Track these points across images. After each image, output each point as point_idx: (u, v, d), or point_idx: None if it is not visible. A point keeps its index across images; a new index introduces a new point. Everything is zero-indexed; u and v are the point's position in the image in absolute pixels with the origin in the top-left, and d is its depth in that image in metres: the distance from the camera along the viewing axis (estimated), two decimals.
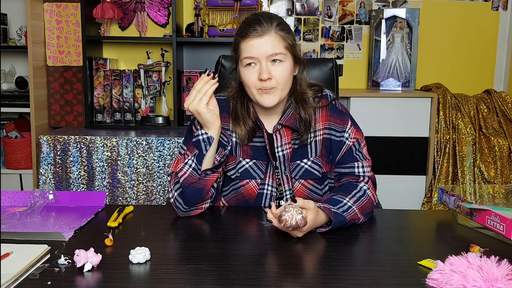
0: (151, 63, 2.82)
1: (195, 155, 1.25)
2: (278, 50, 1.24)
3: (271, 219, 1.11)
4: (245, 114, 1.34)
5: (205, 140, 1.25)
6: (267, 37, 1.24)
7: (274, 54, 1.24)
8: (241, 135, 1.34)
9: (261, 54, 1.24)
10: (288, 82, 1.29)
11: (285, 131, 1.35)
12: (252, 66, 1.25)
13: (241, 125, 1.33)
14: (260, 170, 1.36)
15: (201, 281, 0.89)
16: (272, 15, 1.29)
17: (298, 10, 3.14)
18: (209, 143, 1.25)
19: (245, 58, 1.26)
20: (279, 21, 1.27)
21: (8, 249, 0.98)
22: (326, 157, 1.37)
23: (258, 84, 1.25)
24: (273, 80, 1.25)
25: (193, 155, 1.26)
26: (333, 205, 1.20)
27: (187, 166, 1.26)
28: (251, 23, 1.25)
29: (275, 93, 1.26)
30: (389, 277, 0.92)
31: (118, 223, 1.19)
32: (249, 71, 1.26)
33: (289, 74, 1.28)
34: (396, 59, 2.96)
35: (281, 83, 1.26)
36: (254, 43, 1.24)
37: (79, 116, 3.00)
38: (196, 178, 1.25)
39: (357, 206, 1.23)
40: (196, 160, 1.25)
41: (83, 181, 2.51)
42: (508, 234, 1.07)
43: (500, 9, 3.17)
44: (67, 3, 2.92)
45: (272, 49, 1.24)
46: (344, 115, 1.38)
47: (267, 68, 1.24)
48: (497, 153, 2.85)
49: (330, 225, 1.16)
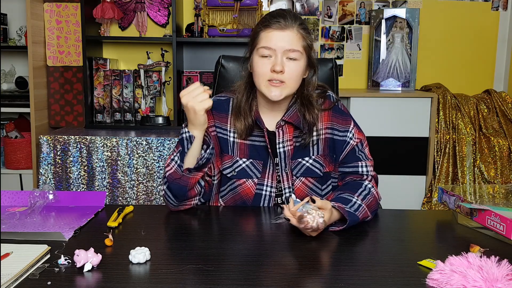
0: (151, 63, 2.82)
1: (179, 152, 1.29)
2: (296, 47, 1.25)
3: (288, 217, 1.12)
4: (247, 110, 1.35)
5: (187, 139, 1.28)
6: (288, 31, 1.25)
7: (291, 50, 1.25)
8: (240, 129, 1.35)
9: (279, 47, 1.25)
10: (298, 80, 1.30)
11: (288, 128, 1.36)
12: (268, 57, 1.26)
13: (241, 120, 1.35)
14: (257, 169, 1.36)
15: (201, 281, 0.89)
16: (298, 15, 1.31)
17: (298, 10, 3.14)
18: (190, 142, 1.28)
19: (262, 48, 1.26)
20: (302, 21, 1.29)
21: (8, 249, 0.98)
22: (329, 157, 1.38)
23: (269, 75, 1.26)
24: (285, 74, 1.26)
25: (178, 152, 1.30)
26: (345, 204, 1.21)
27: (173, 162, 1.30)
28: (276, 15, 1.27)
29: (283, 88, 1.27)
30: (389, 277, 0.92)
31: (118, 223, 1.19)
32: (263, 61, 1.27)
33: (301, 74, 1.29)
34: (396, 59, 2.96)
35: (291, 80, 1.27)
36: (275, 34, 1.25)
37: (79, 116, 3.00)
38: (179, 175, 1.28)
39: (365, 204, 1.25)
40: (180, 157, 1.29)
41: (83, 181, 2.51)
42: (508, 234, 1.07)
43: (500, 9, 3.17)
44: (67, 3, 2.92)
45: (291, 45, 1.25)
46: (347, 116, 1.40)
47: (282, 61, 1.25)
48: (497, 153, 2.85)
49: (344, 224, 1.17)
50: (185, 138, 1.28)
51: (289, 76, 1.26)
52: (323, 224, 1.08)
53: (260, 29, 1.28)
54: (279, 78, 1.25)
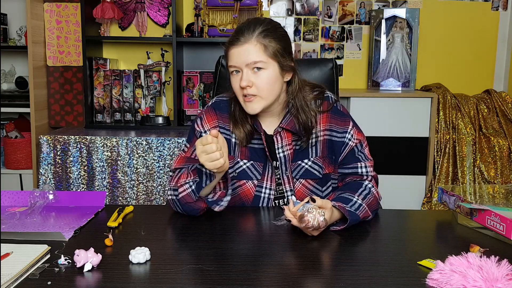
0: (151, 63, 2.82)
1: (195, 182, 1.25)
2: (257, 58, 1.25)
3: (290, 218, 1.12)
4: (243, 118, 1.35)
5: (207, 175, 1.23)
6: (247, 45, 1.25)
7: (253, 63, 1.25)
8: (240, 137, 1.35)
9: (241, 63, 1.25)
10: (273, 89, 1.29)
11: (286, 134, 1.36)
12: (236, 74, 1.28)
13: (239, 128, 1.35)
14: (257, 171, 1.37)
15: (201, 281, 0.89)
16: (260, 20, 1.29)
17: (298, 10, 3.14)
18: (209, 179, 1.24)
19: (229, 66, 1.29)
20: (264, 28, 1.26)
21: (8, 249, 0.98)
22: (329, 158, 1.38)
23: (241, 91, 1.28)
24: (253, 87, 1.26)
25: (193, 180, 1.25)
26: (345, 203, 1.22)
27: (187, 185, 1.26)
28: (237, 31, 1.28)
29: (257, 101, 1.28)
30: (389, 277, 0.92)
31: (118, 223, 1.19)
32: (233, 78, 1.29)
33: (273, 82, 1.28)
34: (396, 59, 2.96)
35: (263, 91, 1.27)
36: (235, 51, 1.26)
37: (79, 116, 3.00)
38: (193, 200, 1.26)
39: (366, 203, 1.25)
40: (195, 186, 1.25)
41: (83, 181, 2.51)
42: (508, 234, 1.07)
43: (500, 9, 3.17)
44: (67, 3, 2.92)
45: (251, 57, 1.25)
46: (345, 117, 1.39)
47: (246, 76, 1.25)
48: (497, 153, 2.85)
49: (345, 224, 1.17)
50: (205, 173, 1.23)
51: (260, 88, 1.26)
52: (324, 222, 1.08)
53: (226, 46, 1.30)
54: (250, 93, 1.26)
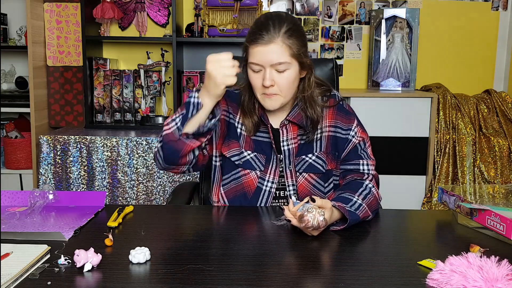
0: (151, 63, 2.82)
1: (182, 115, 1.24)
2: (282, 59, 1.25)
3: (289, 218, 1.12)
4: (251, 109, 1.37)
5: (194, 104, 1.23)
6: (272, 45, 1.24)
7: (278, 64, 1.25)
8: (249, 126, 1.37)
9: (266, 62, 1.25)
10: (292, 87, 1.31)
11: (292, 127, 1.38)
12: (258, 72, 1.28)
13: (248, 117, 1.37)
14: (260, 162, 1.38)
15: (201, 281, 0.89)
16: (283, 18, 1.28)
17: (298, 10, 3.14)
18: (196, 109, 1.23)
19: (251, 63, 1.28)
20: (288, 27, 1.26)
21: (8, 249, 0.98)
22: (332, 154, 1.40)
23: (262, 88, 1.29)
24: (275, 87, 1.28)
25: (180, 114, 1.25)
26: (345, 203, 1.22)
27: (173, 122, 1.25)
28: (260, 26, 1.26)
29: (277, 99, 1.30)
30: (389, 277, 0.92)
31: (118, 223, 1.19)
32: (255, 75, 1.29)
33: (293, 81, 1.30)
34: (396, 59, 2.96)
35: (284, 90, 1.29)
36: (260, 50, 1.25)
37: (79, 116, 3.00)
38: (176, 137, 1.24)
39: (366, 203, 1.25)
40: (181, 120, 1.24)
41: (83, 181, 2.51)
42: (508, 234, 1.07)
43: (500, 9, 3.17)
44: (67, 3, 2.92)
45: (277, 58, 1.25)
46: (351, 115, 1.43)
47: (270, 75, 1.26)
48: (497, 153, 2.85)
49: (345, 224, 1.17)
50: (192, 103, 1.23)
51: (281, 87, 1.28)
52: (324, 222, 1.08)
53: (248, 43, 1.29)
54: (271, 92, 1.28)
